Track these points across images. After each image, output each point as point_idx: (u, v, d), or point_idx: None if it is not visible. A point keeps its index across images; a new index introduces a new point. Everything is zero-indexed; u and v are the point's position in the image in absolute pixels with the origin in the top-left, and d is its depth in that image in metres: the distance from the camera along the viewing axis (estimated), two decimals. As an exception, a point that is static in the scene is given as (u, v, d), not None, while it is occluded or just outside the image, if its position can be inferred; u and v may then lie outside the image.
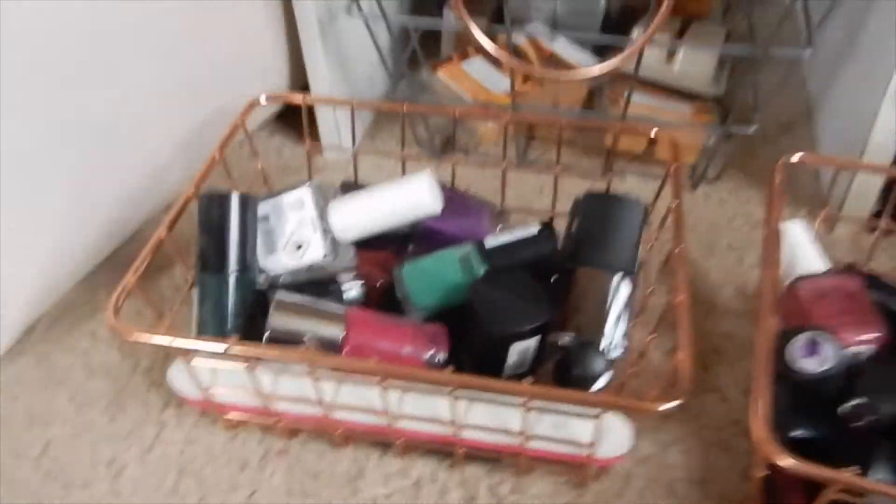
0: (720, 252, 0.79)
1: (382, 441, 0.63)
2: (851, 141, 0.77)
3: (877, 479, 0.46)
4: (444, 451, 0.62)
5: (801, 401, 0.55)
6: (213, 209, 0.63)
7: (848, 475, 0.43)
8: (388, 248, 0.69)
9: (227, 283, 0.61)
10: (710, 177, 0.88)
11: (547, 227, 0.63)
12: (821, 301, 0.58)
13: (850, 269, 0.65)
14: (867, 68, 0.79)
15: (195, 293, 0.63)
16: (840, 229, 0.81)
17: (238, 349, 0.52)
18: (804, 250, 0.64)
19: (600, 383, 0.57)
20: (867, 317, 0.57)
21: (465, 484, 0.61)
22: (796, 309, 0.59)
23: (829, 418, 0.53)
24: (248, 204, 0.64)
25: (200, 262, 0.62)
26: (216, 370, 0.59)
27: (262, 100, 0.73)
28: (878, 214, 0.72)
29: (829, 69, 0.91)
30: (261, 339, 0.57)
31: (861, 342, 0.55)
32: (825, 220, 0.77)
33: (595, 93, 0.92)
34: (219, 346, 0.52)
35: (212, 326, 0.61)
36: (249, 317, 0.62)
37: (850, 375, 0.55)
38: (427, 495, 0.60)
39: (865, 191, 0.76)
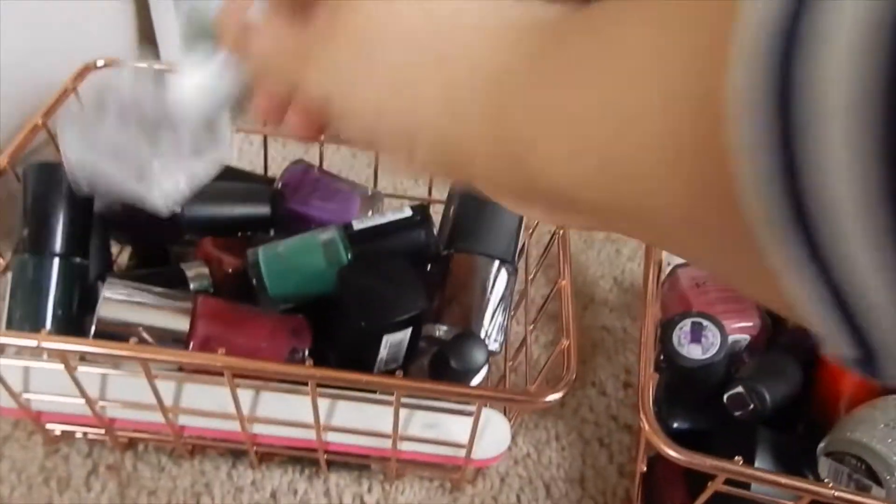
0: (598, 244, 0.78)
1: (234, 450, 0.55)
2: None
3: (761, 469, 0.44)
4: (306, 458, 0.55)
5: (683, 392, 0.53)
6: (37, 181, 0.53)
7: (734, 465, 0.41)
8: (245, 233, 0.61)
9: (48, 266, 0.52)
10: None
11: (421, 209, 0.58)
12: (700, 288, 0.56)
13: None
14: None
15: (9, 279, 0.52)
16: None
17: (53, 344, 0.43)
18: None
19: (480, 378, 0.53)
20: (745, 304, 0.56)
21: (328, 494, 0.55)
22: (676, 297, 0.57)
23: (712, 409, 0.51)
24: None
25: (18, 243, 0.52)
26: (29, 370, 0.50)
27: (99, 63, 0.64)
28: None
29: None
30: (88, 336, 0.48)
31: (740, 330, 0.54)
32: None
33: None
34: (30, 340, 0.43)
35: (27, 319, 0.51)
36: (79, 315, 0.53)
37: (730, 363, 0.54)
38: (285, 509, 0.53)
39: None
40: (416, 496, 0.55)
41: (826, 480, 0.41)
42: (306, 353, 0.52)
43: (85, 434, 0.56)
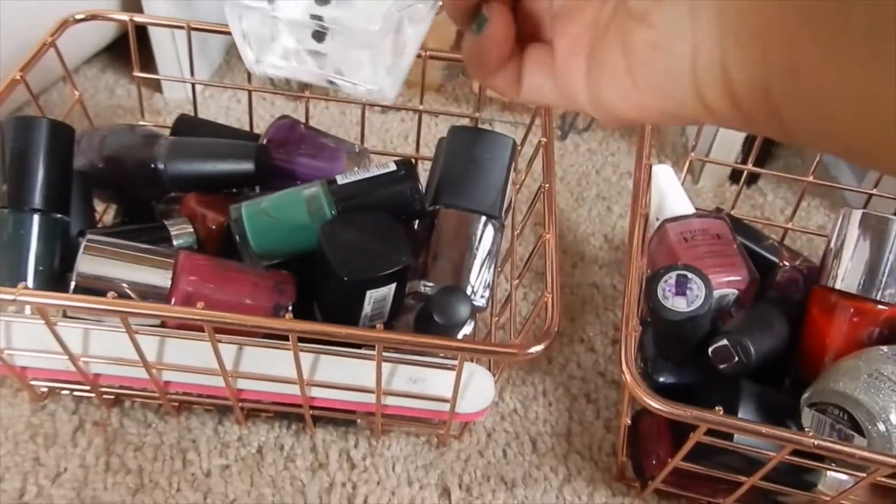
0: (589, 202, 0.77)
1: (220, 406, 0.56)
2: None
3: (741, 419, 0.44)
4: (292, 414, 0.55)
5: (669, 346, 0.53)
6: (16, 135, 0.52)
7: (714, 414, 0.41)
8: (230, 189, 0.60)
9: (28, 222, 0.51)
10: (579, 127, 0.85)
11: (406, 163, 0.57)
12: (688, 242, 0.56)
13: (717, 212, 0.64)
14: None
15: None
16: (704, 181, 0.80)
17: (30, 297, 0.43)
18: (672, 194, 0.62)
19: (466, 333, 0.53)
20: (733, 259, 0.55)
21: (314, 449, 0.55)
22: (664, 252, 0.57)
23: (697, 363, 0.51)
24: (62, 135, 0.54)
25: None
26: (11, 325, 0.50)
27: (78, 16, 0.62)
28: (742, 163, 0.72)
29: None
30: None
31: (727, 284, 0.54)
32: (692, 167, 0.76)
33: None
34: (7, 294, 0.43)
35: (7, 276, 0.51)
36: (62, 272, 0.52)
37: (717, 318, 0.54)
38: (271, 464, 0.53)
39: (730, 138, 0.76)
40: (402, 451, 0.55)
41: (807, 430, 0.41)
42: (290, 308, 0.51)
43: (71, 391, 0.56)
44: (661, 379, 0.52)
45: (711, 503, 0.53)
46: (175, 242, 0.55)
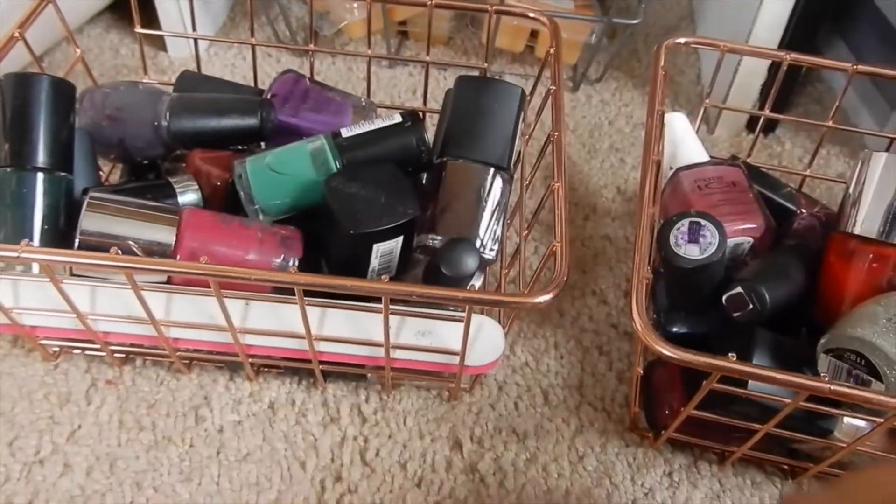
0: (602, 154, 0.75)
1: (231, 363, 0.56)
2: (734, 38, 0.74)
3: (755, 365, 0.43)
4: (303, 370, 0.55)
5: (682, 295, 0.52)
6: (16, 92, 0.51)
7: (728, 361, 0.40)
8: (235, 145, 0.59)
9: (32, 181, 0.51)
10: (591, 78, 0.83)
11: (412, 115, 0.56)
12: (702, 191, 0.54)
13: (732, 160, 0.62)
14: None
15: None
16: (720, 130, 0.78)
17: (34, 254, 0.43)
18: (686, 142, 0.60)
19: (475, 284, 0.52)
20: (749, 206, 0.54)
21: (326, 404, 0.55)
22: (678, 200, 0.55)
23: (711, 312, 0.50)
24: (63, 91, 0.53)
25: (0, 157, 0.51)
26: (19, 285, 0.50)
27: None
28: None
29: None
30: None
31: (743, 232, 0.52)
32: (707, 115, 0.74)
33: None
34: (10, 252, 0.43)
35: (12, 235, 0.50)
36: (68, 232, 0.52)
37: (732, 267, 0.53)
38: (283, 419, 0.54)
39: (747, 86, 0.73)
40: (413, 405, 0.55)
41: (823, 376, 0.40)
42: (296, 262, 0.51)
43: (83, 350, 0.56)
44: (674, 329, 0.51)
45: (725, 451, 0.52)
46: (180, 199, 0.55)
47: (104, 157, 0.61)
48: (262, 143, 0.61)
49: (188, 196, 0.55)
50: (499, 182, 0.56)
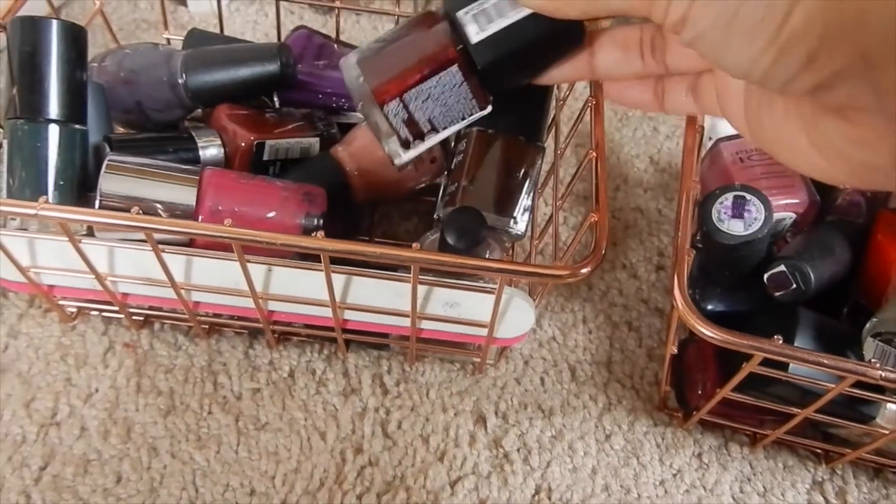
0: (634, 122, 0.73)
1: (251, 329, 0.54)
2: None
3: (802, 348, 0.41)
4: (325, 339, 0.54)
5: (720, 272, 0.50)
6: (24, 38, 0.49)
7: (773, 344, 0.38)
8: (256, 96, 0.57)
9: (45, 133, 0.48)
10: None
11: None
12: (744, 163, 0.52)
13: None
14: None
15: (4, 146, 0.50)
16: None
17: (52, 212, 0.41)
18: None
19: (495, 255, 0.50)
20: (792, 180, 0.51)
21: (347, 374, 0.53)
22: (717, 173, 0.53)
23: (750, 291, 0.48)
24: (75, 36, 0.50)
25: (8, 106, 0.49)
26: (35, 243, 0.48)
27: (94, -81, 0.59)
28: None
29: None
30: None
31: (785, 207, 0.50)
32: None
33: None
34: (28, 209, 0.41)
35: (26, 189, 0.48)
36: (83, 187, 0.50)
37: (772, 243, 0.51)
38: (303, 388, 0.52)
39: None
40: (436, 378, 0.54)
41: (873, 361, 0.38)
42: (321, 219, 0.49)
43: (100, 312, 0.55)
44: (709, 306, 0.49)
45: (757, 433, 0.51)
46: (202, 154, 0.53)
47: (121, 123, 0.59)
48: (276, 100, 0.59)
49: (210, 151, 0.53)
50: (530, 152, 0.53)
